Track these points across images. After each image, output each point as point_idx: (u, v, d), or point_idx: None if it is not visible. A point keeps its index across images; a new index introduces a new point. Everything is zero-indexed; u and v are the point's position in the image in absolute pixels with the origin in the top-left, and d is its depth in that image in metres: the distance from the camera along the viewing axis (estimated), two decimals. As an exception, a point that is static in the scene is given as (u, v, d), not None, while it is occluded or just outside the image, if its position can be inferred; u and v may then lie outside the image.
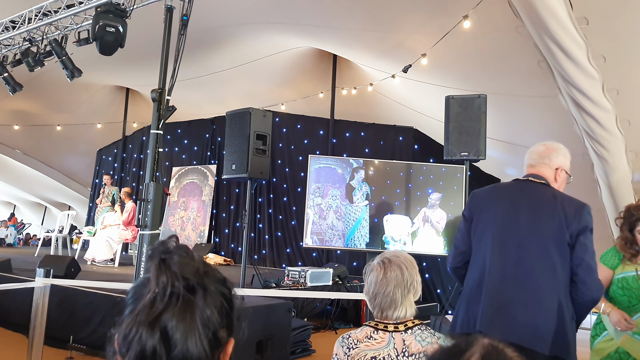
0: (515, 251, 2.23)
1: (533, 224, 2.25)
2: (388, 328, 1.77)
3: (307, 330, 5.24)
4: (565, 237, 2.18)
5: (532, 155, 2.44)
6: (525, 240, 2.24)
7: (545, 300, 2.15)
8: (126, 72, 9.66)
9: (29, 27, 6.02)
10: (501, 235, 2.28)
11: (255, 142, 4.39)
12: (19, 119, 12.22)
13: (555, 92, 5.62)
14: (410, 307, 1.82)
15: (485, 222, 2.35)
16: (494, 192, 2.47)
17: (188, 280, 0.80)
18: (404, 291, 1.79)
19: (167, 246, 0.85)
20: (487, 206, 2.38)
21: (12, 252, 10.45)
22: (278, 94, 9.69)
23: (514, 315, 2.15)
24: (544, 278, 2.18)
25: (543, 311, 2.14)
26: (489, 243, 2.29)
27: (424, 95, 7.53)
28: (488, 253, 2.28)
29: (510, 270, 2.22)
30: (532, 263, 2.20)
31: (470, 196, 2.49)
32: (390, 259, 1.84)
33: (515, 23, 4.97)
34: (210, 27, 7.22)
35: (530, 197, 2.32)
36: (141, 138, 12.43)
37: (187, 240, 10.96)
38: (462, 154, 4.09)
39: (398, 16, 5.91)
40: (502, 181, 8.51)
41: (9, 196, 19.74)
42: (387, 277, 1.79)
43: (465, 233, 2.42)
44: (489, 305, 2.19)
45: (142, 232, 4.23)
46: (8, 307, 5.81)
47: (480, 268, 2.30)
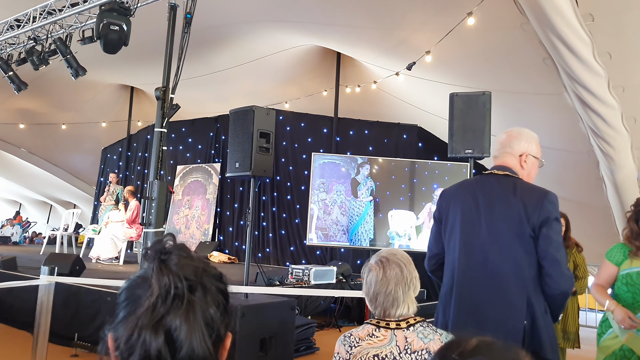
0: (480, 251, 2.18)
1: (493, 221, 2.19)
2: (390, 325, 1.77)
3: (311, 328, 5.24)
4: (526, 230, 2.10)
5: (495, 146, 2.37)
6: (487, 240, 2.18)
7: (513, 297, 2.11)
8: (130, 71, 9.68)
9: (34, 25, 6.04)
10: (466, 235, 2.23)
11: (259, 140, 4.38)
12: (24, 117, 12.27)
13: (560, 89, 5.59)
14: (412, 303, 1.83)
15: (452, 223, 2.30)
16: (459, 190, 2.39)
17: (189, 280, 0.80)
18: (404, 288, 1.79)
19: (164, 246, 0.85)
20: (453, 205, 2.32)
21: (18, 250, 10.51)
22: (282, 92, 9.69)
23: (484, 316, 2.12)
24: (509, 276, 2.13)
25: (511, 309, 2.10)
26: (457, 244, 2.24)
27: (428, 93, 7.51)
28: (456, 255, 2.24)
29: (477, 272, 2.17)
30: (496, 262, 2.15)
31: (439, 196, 2.43)
32: (388, 258, 1.84)
33: (519, 20, 4.94)
34: (214, 26, 7.22)
35: (490, 193, 2.24)
36: (146, 136, 12.46)
37: (192, 238, 10.98)
38: (466, 152, 4.07)
39: (401, 13, 5.89)
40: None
41: (14, 194, 19.84)
42: (387, 276, 1.79)
43: (436, 235, 2.37)
44: (460, 308, 2.17)
45: (146, 230, 4.24)
46: (13, 305, 5.84)
47: (450, 271, 2.26)
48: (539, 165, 2.35)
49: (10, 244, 13.14)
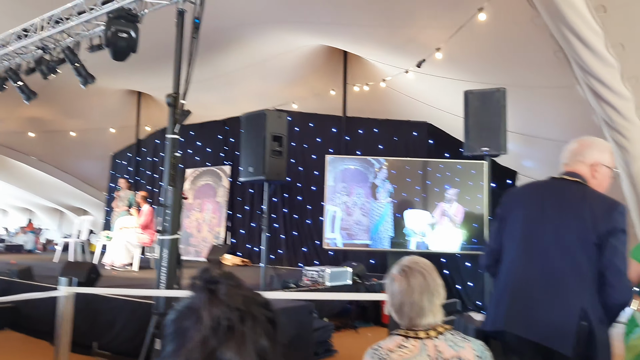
0: (541, 252, 2.21)
1: (558, 225, 2.21)
2: (419, 335, 1.73)
3: (329, 330, 5.22)
4: (591, 238, 2.11)
5: (565, 154, 2.38)
6: (550, 242, 2.20)
7: (569, 301, 2.11)
8: (137, 76, 9.69)
9: (42, 35, 6.04)
10: (528, 236, 2.26)
11: (272, 144, 4.36)
12: (33, 125, 12.33)
13: (572, 82, 5.52)
14: (438, 312, 1.78)
15: (513, 222, 2.33)
16: (526, 190, 2.45)
17: (239, 310, 0.78)
18: (430, 297, 1.75)
19: (212, 275, 0.83)
20: (518, 205, 2.36)
21: (32, 258, 10.57)
22: (289, 93, 9.66)
23: (536, 315, 2.13)
24: (568, 280, 2.14)
25: (566, 312, 2.10)
26: (516, 244, 2.28)
27: (438, 90, 7.46)
28: (513, 254, 2.27)
29: (534, 272, 2.20)
30: (556, 265, 2.17)
31: (505, 195, 2.46)
32: (410, 266, 1.80)
33: (530, 14, 4.89)
34: (219, 28, 7.20)
35: (559, 197, 2.27)
36: (154, 141, 12.49)
37: (204, 241, 11.00)
38: (482, 150, 4.03)
39: (409, 11, 5.85)
40: (518, 174, 8.43)
41: (25, 202, 19.97)
42: (411, 285, 1.75)
43: (496, 232, 2.42)
44: (512, 304, 2.19)
45: (161, 237, 4.23)
46: (31, 315, 5.86)
47: (507, 269, 2.29)
48: (611, 175, 2.35)
49: (24, 252, 13.22)
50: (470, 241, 4.37)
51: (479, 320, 3.98)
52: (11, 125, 12.12)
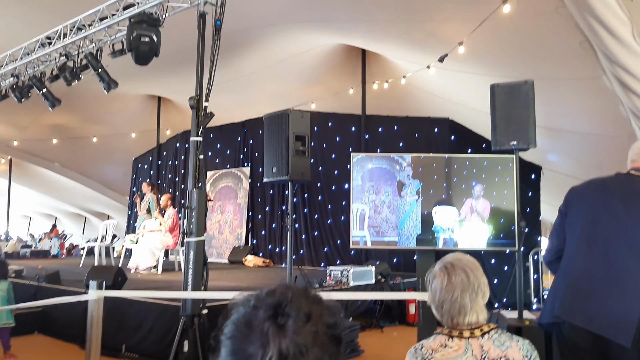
0: (604, 243, 2.22)
1: (625, 218, 2.21)
2: (464, 335, 1.67)
3: (355, 330, 5.19)
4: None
5: (634, 151, 2.42)
6: (615, 234, 2.21)
7: (632, 295, 2.10)
8: (157, 80, 9.78)
9: (65, 42, 6.12)
10: (592, 227, 2.28)
11: (295, 144, 4.34)
12: (56, 132, 12.53)
13: (598, 73, 5.40)
14: (482, 311, 1.72)
15: (576, 216, 2.36)
16: (589, 186, 2.47)
17: (307, 347, 0.77)
18: (472, 295, 1.69)
19: (280, 304, 0.80)
20: (580, 200, 2.40)
21: (58, 263, 10.72)
22: (307, 93, 9.64)
23: (596, 306, 2.13)
24: (632, 274, 2.12)
25: (628, 305, 2.08)
26: (578, 235, 2.31)
27: (460, 85, 7.37)
28: (575, 245, 2.30)
29: (596, 262, 2.20)
30: (620, 257, 2.17)
31: (568, 191, 2.50)
32: (453, 263, 1.75)
33: (554, 4, 4.79)
34: (237, 31, 7.21)
35: (625, 190, 2.30)
36: (175, 145, 12.59)
37: (225, 243, 11.05)
38: (511, 144, 3.95)
39: (429, 4, 5.77)
40: (543, 169, 8.28)
41: (49, 208, 20.33)
42: (453, 283, 1.70)
43: (559, 228, 2.44)
44: (569, 292, 2.21)
45: (187, 240, 4.24)
46: (59, 318, 5.94)
47: (567, 262, 2.33)
48: None
49: (50, 257, 13.43)
50: (498, 237, 4.30)
51: (510, 318, 3.90)
52: (35, 133, 12.34)
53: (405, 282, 6.96)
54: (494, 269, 7.67)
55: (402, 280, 6.98)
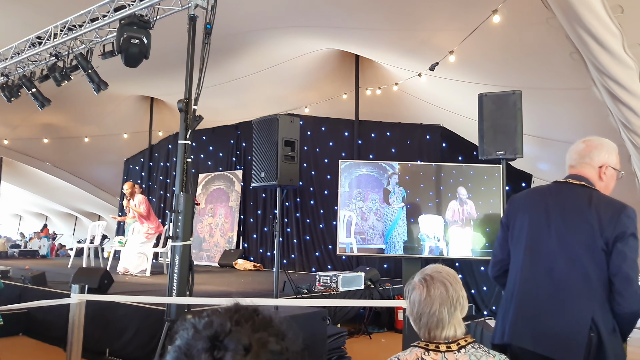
0: (546, 260, 2.12)
1: (564, 231, 2.12)
2: (440, 348, 1.65)
3: (342, 336, 5.16)
4: (598, 243, 2.02)
5: (572, 155, 2.28)
6: (556, 249, 2.11)
7: (578, 311, 2.02)
8: (150, 82, 9.75)
9: (55, 42, 6.09)
10: (533, 243, 2.18)
11: (284, 149, 4.33)
12: (47, 132, 12.46)
13: (588, 83, 5.43)
14: (459, 325, 1.70)
15: (519, 230, 2.25)
16: (530, 197, 2.36)
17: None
18: (450, 309, 1.67)
19: (217, 336, 0.76)
20: (522, 212, 2.28)
21: (46, 263, 10.64)
22: (301, 97, 9.64)
23: (544, 327, 2.05)
24: (576, 288, 2.05)
25: (576, 323, 2.01)
26: (522, 252, 2.20)
27: (452, 93, 7.38)
28: (519, 262, 2.20)
29: (541, 281, 2.11)
30: (563, 273, 2.08)
31: (508, 202, 2.41)
32: (432, 275, 1.72)
33: (545, 15, 4.81)
34: (232, 34, 7.21)
35: (564, 202, 2.18)
36: (167, 146, 12.55)
37: (216, 246, 11.01)
38: (498, 153, 3.96)
39: (422, 13, 5.79)
40: (533, 177, 8.31)
41: (40, 208, 20.20)
42: (431, 295, 1.68)
43: (502, 241, 2.33)
44: (518, 315, 2.12)
45: (173, 244, 4.21)
46: (44, 321, 5.88)
47: (514, 278, 2.23)
48: (617, 177, 2.29)
49: (38, 257, 13.33)
50: (484, 246, 4.31)
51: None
52: (26, 132, 12.26)
53: (395, 288, 6.95)
54: (482, 276, 7.67)
55: (391, 287, 6.98)
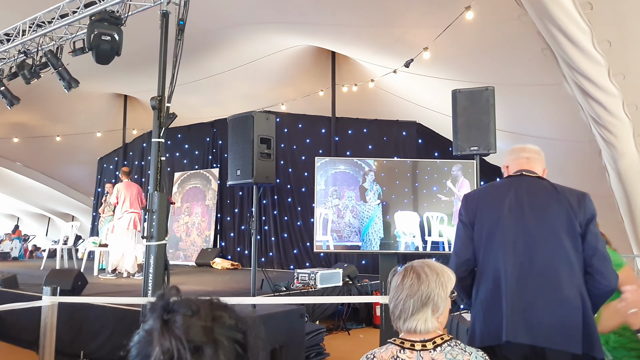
0: (527, 249, 2.11)
1: (541, 217, 2.14)
2: (415, 347, 1.62)
3: (321, 333, 5.17)
4: (575, 227, 2.10)
5: (525, 150, 2.34)
6: (535, 236, 2.12)
7: (568, 296, 2.04)
8: (123, 79, 9.58)
9: (23, 39, 5.93)
10: (509, 235, 2.15)
11: (260, 147, 4.30)
12: (17, 131, 12.16)
13: (560, 79, 5.53)
14: (425, 322, 1.64)
15: (490, 225, 2.21)
16: (492, 192, 2.34)
17: (194, 342, 0.74)
18: (416, 302, 1.63)
19: (168, 303, 0.79)
20: (489, 207, 2.25)
21: (18, 265, 10.40)
22: (278, 94, 9.60)
23: (538, 318, 2.02)
24: (562, 273, 2.07)
25: (567, 308, 2.03)
26: (499, 246, 2.15)
27: (427, 89, 7.44)
28: (500, 256, 2.13)
29: (525, 271, 2.09)
30: (547, 259, 2.09)
31: (466, 200, 2.33)
32: (414, 265, 1.70)
33: (517, 11, 4.88)
34: (206, 30, 7.13)
35: (535, 192, 2.21)
36: (142, 145, 12.36)
37: (193, 245, 10.90)
38: (471, 149, 4.00)
39: (397, 11, 5.82)
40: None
41: (12, 209, 19.70)
42: (403, 284, 1.67)
43: (466, 239, 2.25)
44: (511, 311, 2.05)
45: (148, 244, 4.15)
46: (16, 324, 5.74)
47: (493, 273, 2.15)
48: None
49: (10, 259, 13.01)
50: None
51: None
52: (-5, 131, 11.96)
53: (373, 284, 6.98)
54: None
55: (369, 283, 7.01)
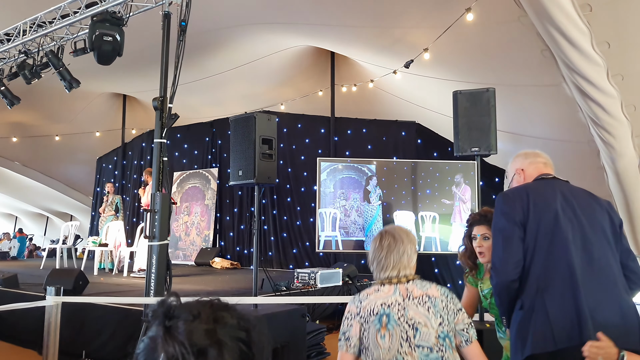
0: (586, 250, 2.09)
1: (591, 219, 2.14)
2: (392, 281, 2.08)
3: (321, 333, 5.19)
4: (617, 229, 2.17)
5: (541, 156, 2.38)
6: (590, 237, 2.11)
7: (624, 296, 2.08)
8: (123, 79, 9.59)
9: (24, 39, 5.94)
10: (569, 235, 2.12)
11: (261, 147, 4.33)
12: (16, 130, 12.15)
13: (559, 80, 5.56)
14: (404, 269, 2.09)
15: (546, 225, 2.13)
16: (539, 191, 2.23)
17: (197, 345, 0.76)
18: (395, 256, 2.08)
19: (169, 309, 0.80)
20: (543, 206, 2.17)
21: (18, 265, 10.40)
22: (277, 94, 9.62)
23: (605, 318, 2.00)
24: (616, 273, 2.10)
25: (626, 308, 2.05)
26: (566, 242, 2.09)
27: (427, 90, 7.47)
28: (566, 257, 2.07)
29: (587, 271, 2.07)
30: (602, 259, 2.09)
31: (511, 199, 2.23)
32: (387, 230, 2.18)
33: (517, 13, 4.91)
34: (206, 30, 7.15)
35: (574, 194, 2.21)
36: (141, 144, 12.36)
37: (192, 245, 10.91)
38: (472, 150, 4.03)
39: (397, 12, 5.85)
40: (506, 172, 8.47)
41: (9, 208, 19.67)
42: (382, 245, 2.11)
43: (516, 239, 2.15)
44: (584, 312, 2.00)
45: (150, 243, 4.17)
46: (17, 324, 5.75)
47: (561, 274, 2.07)
48: None
49: (9, 259, 12.99)
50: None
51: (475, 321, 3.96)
52: (-7, 131, 11.95)
53: (372, 283, 7.01)
54: (459, 270, 7.80)
55: (369, 282, 7.03)
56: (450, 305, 2.03)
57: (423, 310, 1.99)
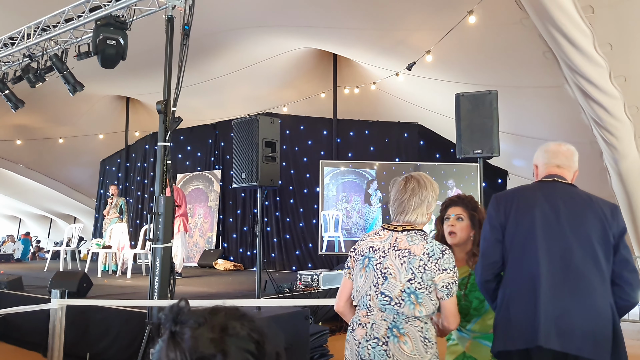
0: (562, 256, 2.09)
1: (576, 225, 2.12)
2: (390, 227, 2.15)
3: (324, 335, 5.20)
4: (609, 238, 2.09)
5: (558, 156, 2.27)
6: (571, 244, 2.10)
7: (600, 306, 2.04)
8: (126, 82, 9.62)
9: (28, 43, 5.97)
10: (545, 241, 2.12)
11: (264, 150, 4.34)
12: (20, 133, 12.20)
13: (561, 82, 5.57)
14: (422, 215, 2.14)
15: (524, 229, 2.17)
16: (525, 195, 2.27)
17: (200, 353, 0.76)
18: (417, 200, 2.13)
19: (177, 315, 0.80)
20: (523, 210, 2.20)
21: (22, 267, 10.43)
22: (279, 96, 9.64)
23: (571, 325, 2.00)
24: (595, 282, 2.06)
25: (600, 318, 2.02)
26: (534, 251, 2.12)
27: (429, 91, 7.48)
28: (535, 261, 2.10)
29: (559, 278, 2.07)
30: (581, 267, 2.07)
31: (496, 202, 2.28)
32: (413, 175, 2.20)
33: (519, 15, 4.92)
34: (209, 33, 7.17)
35: (566, 198, 2.18)
36: (144, 146, 12.40)
37: (195, 246, 10.94)
38: (475, 152, 4.04)
39: (399, 14, 5.86)
40: (509, 173, 8.47)
41: (14, 210, 19.74)
42: (406, 187, 2.15)
43: (494, 242, 2.22)
44: (545, 317, 2.02)
45: (154, 246, 4.19)
46: (21, 326, 5.77)
47: (527, 278, 2.12)
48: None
49: (13, 261, 13.03)
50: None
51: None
52: (-2, 134, 12.00)
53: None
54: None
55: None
56: (431, 265, 2.03)
57: (398, 262, 2.06)
